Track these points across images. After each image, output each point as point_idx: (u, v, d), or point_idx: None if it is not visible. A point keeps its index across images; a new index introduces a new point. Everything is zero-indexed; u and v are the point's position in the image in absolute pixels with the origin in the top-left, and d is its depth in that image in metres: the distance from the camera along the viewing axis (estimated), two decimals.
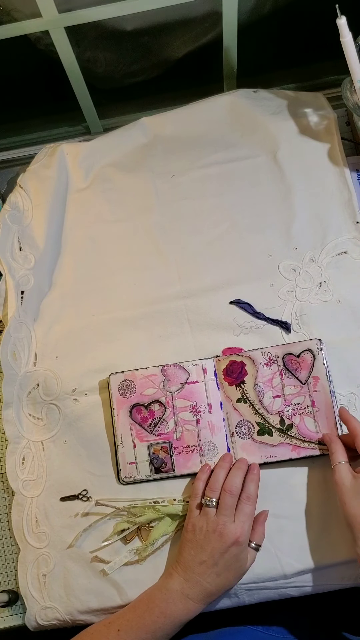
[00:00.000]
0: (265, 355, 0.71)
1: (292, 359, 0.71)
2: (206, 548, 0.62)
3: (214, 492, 0.65)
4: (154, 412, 0.71)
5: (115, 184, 0.83)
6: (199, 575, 0.62)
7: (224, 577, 0.62)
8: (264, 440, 0.69)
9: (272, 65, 0.92)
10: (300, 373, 0.70)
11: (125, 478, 0.70)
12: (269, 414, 0.70)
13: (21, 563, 0.70)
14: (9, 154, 0.92)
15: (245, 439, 0.69)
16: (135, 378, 0.72)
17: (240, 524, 0.63)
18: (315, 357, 0.70)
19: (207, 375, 0.72)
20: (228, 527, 0.62)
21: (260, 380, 0.71)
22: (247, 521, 0.64)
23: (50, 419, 0.74)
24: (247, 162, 0.81)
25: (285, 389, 0.70)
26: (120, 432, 0.70)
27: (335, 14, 0.65)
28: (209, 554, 0.62)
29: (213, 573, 0.62)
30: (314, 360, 0.70)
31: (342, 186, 0.79)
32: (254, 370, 0.71)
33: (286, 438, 0.68)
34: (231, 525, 0.63)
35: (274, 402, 0.70)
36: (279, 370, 0.71)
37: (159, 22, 0.81)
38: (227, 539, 0.62)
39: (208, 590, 0.62)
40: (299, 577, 0.67)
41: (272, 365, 0.71)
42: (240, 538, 0.62)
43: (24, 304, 0.77)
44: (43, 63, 0.85)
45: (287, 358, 0.71)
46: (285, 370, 0.70)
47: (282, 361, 0.71)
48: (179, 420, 0.71)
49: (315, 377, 0.69)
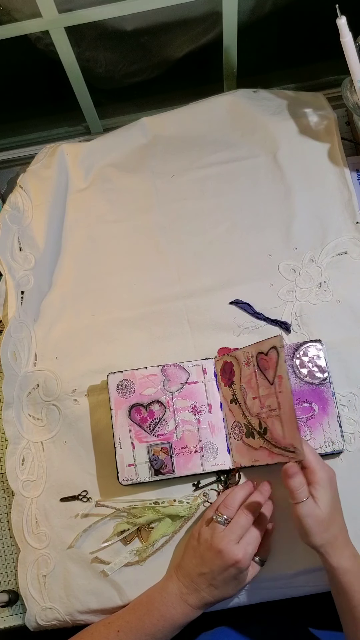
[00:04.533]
0: (244, 355, 0.70)
1: (263, 357, 0.67)
2: (206, 562, 0.62)
3: (228, 509, 0.63)
4: (154, 412, 0.71)
5: (115, 184, 0.83)
6: (197, 584, 0.62)
7: (222, 590, 0.62)
8: (249, 442, 0.68)
9: (272, 65, 0.92)
10: (269, 372, 0.66)
11: (124, 480, 0.69)
12: (251, 416, 0.68)
13: (21, 563, 0.70)
14: (9, 154, 0.92)
15: (237, 440, 0.69)
16: (134, 378, 0.72)
17: (244, 547, 0.61)
18: (278, 354, 0.65)
19: (207, 376, 0.72)
20: (230, 547, 0.61)
21: (244, 381, 0.69)
22: (251, 544, 0.62)
23: (50, 420, 0.74)
24: (247, 162, 0.81)
25: (260, 389, 0.67)
26: (119, 434, 0.70)
27: (335, 14, 0.65)
28: (208, 568, 0.61)
29: (211, 586, 0.62)
30: (277, 358, 0.65)
31: (342, 186, 0.79)
32: (239, 370, 0.70)
33: (263, 442, 0.66)
34: (234, 546, 0.61)
35: (254, 404, 0.68)
36: (254, 370, 0.68)
37: (159, 22, 0.81)
38: (227, 560, 0.60)
39: (206, 600, 0.62)
40: (299, 577, 0.67)
41: (250, 365, 0.68)
42: (241, 562, 0.60)
43: (24, 304, 0.77)
44: (43, 63, 0.85)
45: (259, 357, 0.67)
46: (258, 370, 0.67)
47: (256, 360, 0.68)
48: (180, 421, 0.71)
49: (279, 377, 0.64)
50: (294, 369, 0.71)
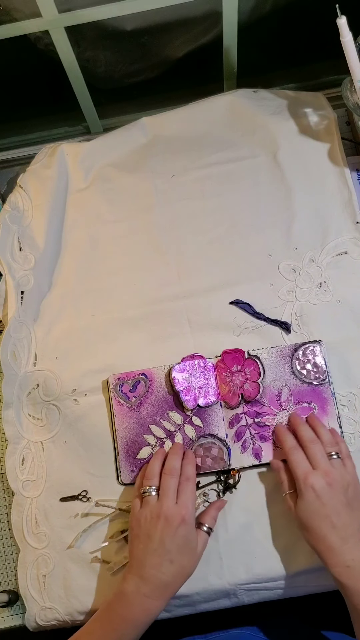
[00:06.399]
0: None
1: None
2: (154, 536, 0.61)
3: (152, 479, 0.64)
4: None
5: (115, 184, 0.83)
6: (152, 567, 0.60)
7: (178, 564, 0.60)
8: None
9: (272, 65, 0.92)
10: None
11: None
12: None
13: (21, 563, 0.70)
14: (9, 154, 0.92)
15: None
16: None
17: (184, 503, 0.62)
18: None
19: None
20: (172, 509, 0.61)
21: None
22: (189, 500, 0.63)
23: (50, 420, 0.74)
24: (247, 162, 0.81)
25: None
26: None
27: (335, 14, 0.65)
28: (158, 541, 0.60)
29: (166, 561, 0.60)
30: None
31: (342, 186, 0.79)
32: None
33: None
34: (175, 506, 0.62)
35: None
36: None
37: (159, 22, 0.81)
38: (174, 521, 0.61)
39: (164, 582, 0.60)
40: (299, 577, 0.67)
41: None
42: (186, 516, 0.61)
43: (24, 304, 0.77)
44: (43, 63, 0.85)
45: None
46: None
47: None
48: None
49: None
50: (293, 370, 0.71)
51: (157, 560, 0.60)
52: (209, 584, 0.67)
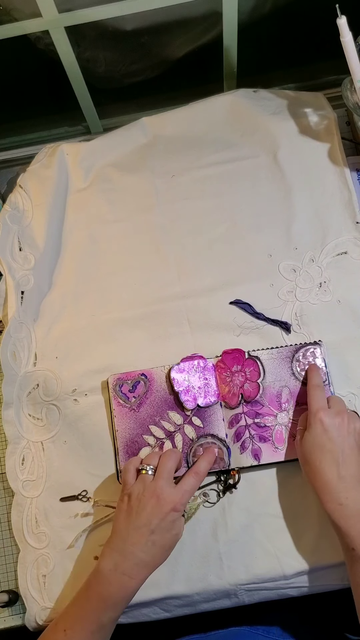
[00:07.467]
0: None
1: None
2: (142, 514, 0.59)
3: (151, 460, 0.63)
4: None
5: (115, 184, 0.83)
6: (133, 545, 0.58)
7: (159, 546, 0.59)
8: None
9: (272, 65, 0.92)
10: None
11: None
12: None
13: (21, 563, 0.70)
14: (9, 154, 0.92)
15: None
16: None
17: (181, 491, 0.60)
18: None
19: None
20: (166, 491, 0.59)
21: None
22: (187, 492, 0.61)
23: (50, 420, 0.74)
24: (247, 162, 0.81)
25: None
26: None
27: (335, 14, 0.65)
28: (145, 520, 0.59)
29: (149, 541, 0.58)
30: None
31: (342, 186, 0.79)
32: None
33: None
34: (171, 490, 0.60)
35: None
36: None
37: (159, 22, 0.81)
38: (166, 504, 0.59)
39: (144, 561, 0.58)
40: (299, 577, 0.67)
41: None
42: (178, 505, 0.59)
43: (24, 304, 0.77)
44: (43, 63, 0.85)
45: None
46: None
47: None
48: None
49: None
50: (293, 372, 0.71)
51: (139, 539, 0.59)
52: (209, 584, 0.67)
